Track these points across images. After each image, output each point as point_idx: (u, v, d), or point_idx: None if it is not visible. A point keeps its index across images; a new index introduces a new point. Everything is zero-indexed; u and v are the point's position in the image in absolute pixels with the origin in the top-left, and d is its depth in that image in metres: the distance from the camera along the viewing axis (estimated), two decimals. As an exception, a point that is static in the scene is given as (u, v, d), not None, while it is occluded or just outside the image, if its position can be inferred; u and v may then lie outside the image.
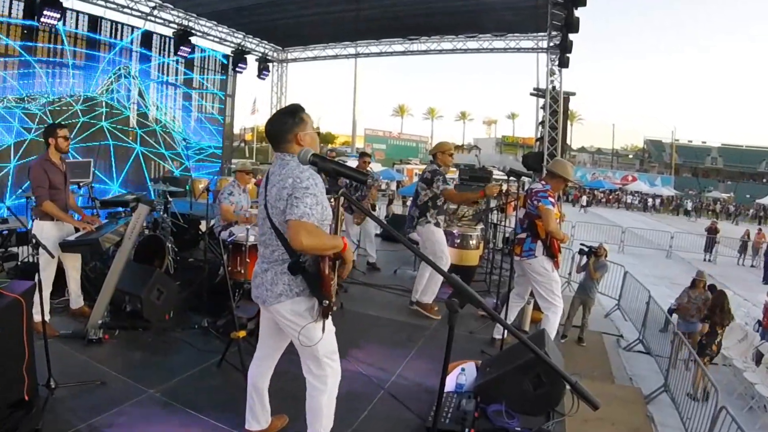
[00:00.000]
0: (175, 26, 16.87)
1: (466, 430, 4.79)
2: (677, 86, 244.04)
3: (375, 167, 49.32)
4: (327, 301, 3.90)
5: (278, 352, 4.74)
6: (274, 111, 23.28)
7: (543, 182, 7.49)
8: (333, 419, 4.37)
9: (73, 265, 7.48)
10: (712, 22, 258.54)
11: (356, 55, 21.27)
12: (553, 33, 13.85)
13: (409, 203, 9.75)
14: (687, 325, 12.73)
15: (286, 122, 4.07)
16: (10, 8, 12.80)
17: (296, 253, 3.91)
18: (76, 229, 7.31)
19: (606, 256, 13.31)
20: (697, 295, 12.81)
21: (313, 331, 4.04)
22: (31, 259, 9.37)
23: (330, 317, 4.12)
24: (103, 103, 15.67)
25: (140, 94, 16.97)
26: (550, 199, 7.08)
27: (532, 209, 7.27)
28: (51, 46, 14.03)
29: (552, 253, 7.12)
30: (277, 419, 4.94)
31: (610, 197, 66.99)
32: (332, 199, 9.06)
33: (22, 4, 12.96)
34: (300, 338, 4.04)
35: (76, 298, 7.63)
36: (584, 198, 58.07)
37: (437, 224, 8.51)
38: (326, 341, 4.14)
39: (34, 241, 5.67)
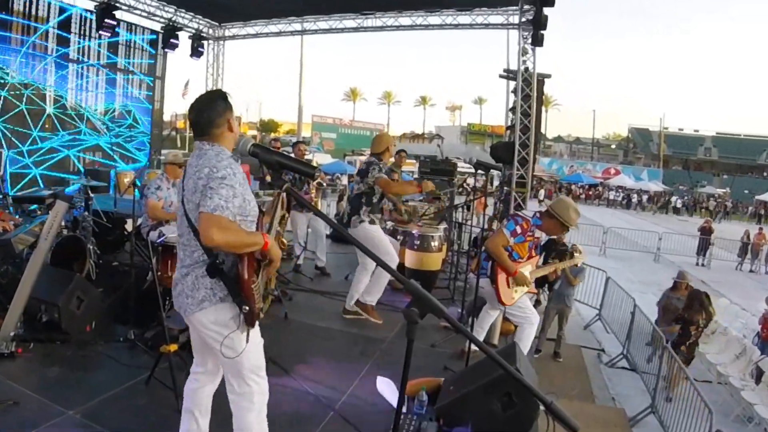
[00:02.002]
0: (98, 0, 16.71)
1: None
2: (666, 68, 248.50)
3: (324, 158, 49.40)
4: (247, 307, 3.83)
5: (218, 366, 4.60)
6: (210, 96, 23.44)
7: (537, 215, 7.33)
8: None
9: None
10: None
11: (302, 32, 21.08)
12: (526, 7, 13.90)
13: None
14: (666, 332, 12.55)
15: (219, 106, 3.99)
16: None
17: (214, 253, 3.82)
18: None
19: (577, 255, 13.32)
20: (679, 297, 12.88)
21: (236, 341, 3.97)
22: None
23: (257, 328, 4.12)
24: (19, 89, 15.52)
25: (58, 79, 16.82)
26: (518, 228, 6.97)
27: (497, 227, 7.21)
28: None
29: (493, 278, 7.01)
30: None
31: (590, 193, 67.42)
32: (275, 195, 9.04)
33: None
34: (222, 349, 3.96)
35: None
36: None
37: (372, 222, 8.52)
38: (251, 354, 4.13)
39: None
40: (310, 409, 5.95)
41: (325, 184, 15.24)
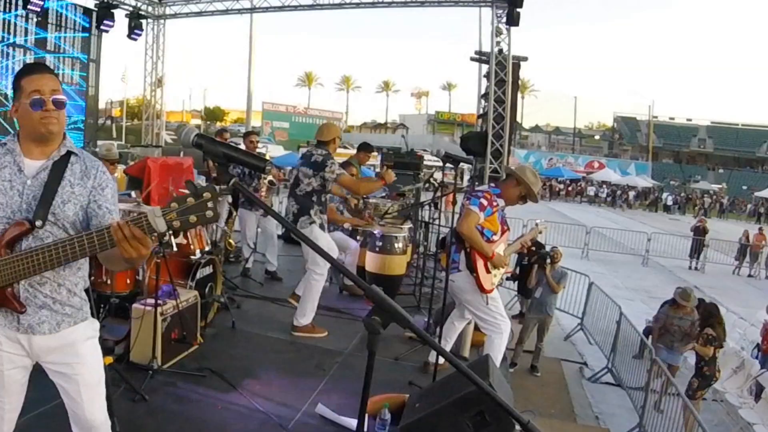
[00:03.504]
0: (20, -29, 16.59)
1: None
2: (655, 51, 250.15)
3: (276, 150, 49.37)
4: None
5: None
6: (149, 81, 23.44)
7: (493, 185, 7.45)
8: None
9: None
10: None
11: (252, 10, 20.99)
12: (501, -18, 13.86)
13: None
14: (669, 355, 12.28)
15: (14, 88, 3.52)
16: None
17: None
18: None
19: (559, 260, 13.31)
20: (682, 316, 12.41)
21: None
22: None
23: None
24: None
25: None
26: (482, 200, 6.90)
27: (461, 210, 7.10)
28: None
29: (471, 267, 6.93)
30: None
31: (571, 189, 67.71)
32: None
33: None
34: None
35: None
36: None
37: (322, 226, 8.44)
38: None
39: None
40: (259, 429, 5.87)
41: (277, 182, 15.07)
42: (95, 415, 3.70)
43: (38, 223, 3.46)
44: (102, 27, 20.54)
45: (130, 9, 21.07)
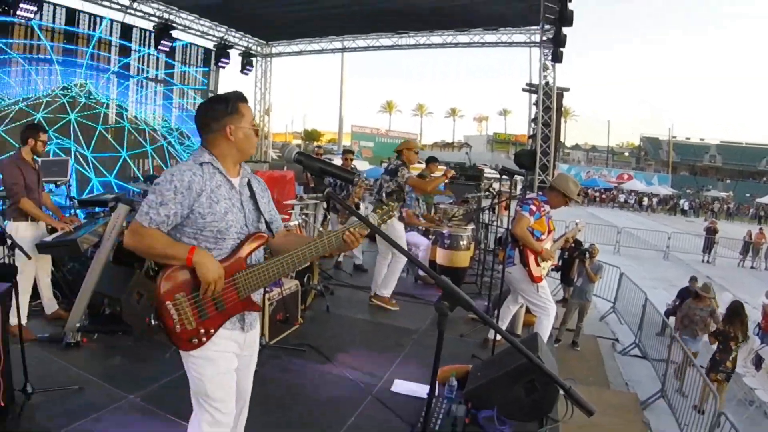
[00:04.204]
0: (156, 19, 16.81)
1: None
2: (675, 81, 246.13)
3: (362, 165, 49.41)
4: (155, 321, 3.35)
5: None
6: (258, 108, 23.51)
7: (541, 193, 7.55)
8: None
9: (45, 268, 7.46)
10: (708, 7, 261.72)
11: (343, 50, 21.12)
12: (546, 27, 13.91)
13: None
14: (691, 340, 12.26)
15: (215, 110, 3.40)
16: None
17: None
18: (53, 230, 7.29)
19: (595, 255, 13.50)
20: (702, 307, 12.39)
21: (185, 361, 3.49)
22: (7, 260, 9.44)
23: (220, 355, 3.45)
24: (80, 98, 15.59)
25: (119, 89, 16.88)
26: (532, 206, 7.09)
27: (515, 215, 7.32)
28: (27, 41, 14.00)
29: (524, 261, 7.08)
30: None
31: (605, 196, 67.02)
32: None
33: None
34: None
35: (48, 302, 7.59)
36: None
37: (400, 218, 8.62)
38: (196, 379, 3.48)
39: (9, 242, 5.63)
40: (349, 394, 5.94)
41: (364, 191, 15.24)
42: (249, 386, 3.76)
43: (270, 234, 3.66)
44: (219, 64, 20.55)
45: (243, 49, 21.09)
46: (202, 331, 3.32)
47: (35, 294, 7.42)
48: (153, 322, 3.32)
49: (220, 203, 3.32)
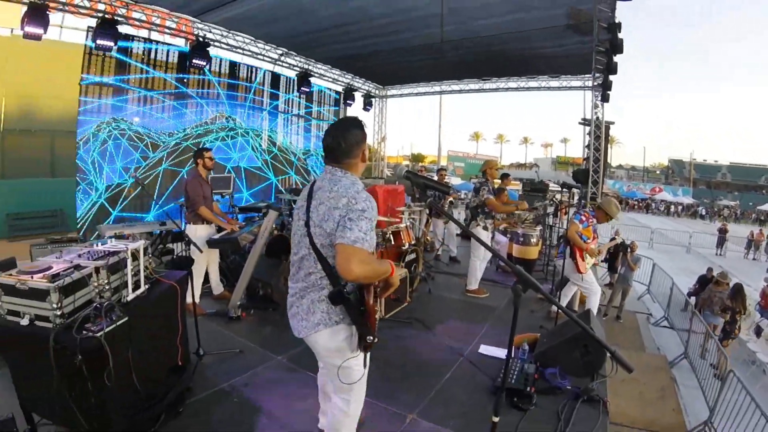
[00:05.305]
0: (297, 69, 17.09)
1: (528, 388, 4.89)
2: (695, 117, 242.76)
3: (456, 181, 49.70)
4: (371, 337, 3.07)
5: None
6: (376, 137, 23.66)
7: (590, 208, 7.77)
8: None
9: (213, 259, 7.76)
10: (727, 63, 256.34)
11: (441, 92, 21.02)
12: (597, 75, 13.78)
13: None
14: (712, 317, 12.39)
15: (358, 135, 3.19)
16: (167, 57, 13.28)
17: (339, 281, 3.03)
18: (221, 229, 7.61)
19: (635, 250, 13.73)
20: (721, 291, 12.52)
21: (354, 369, 3.25)
22: (184, 253, 9.78)
23: (368, 353, 3.27)
24: (241, 131, 16.02)
25: (270, 124, 17.22)
26: (582, 217, 7.32)
27: (568, 223, 7.52)
28: (201, 90, 14.41)
29: (573, 256, 7.25)
30: None
31: (641, 204, 66.06)
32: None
33: (177, 54, 13.39)
34: (340, 376, 3.20)
35: (216, 285, 7.90)
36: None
37: (485, 227, 8.55)
38: (358, 372, 3.28)
39: (187, 239, 5.98)
40: (447, 356, 6.03)
41: (455, 201, 15.39)
42: None
43: None
44: (346, 103, 20.59)
45: (364, 91, 20.98)
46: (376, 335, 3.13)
47: (206, 279, 7.74)
48: (361, 336, 3.10)
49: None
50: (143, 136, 12.71)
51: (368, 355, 3.26)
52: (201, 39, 13.37)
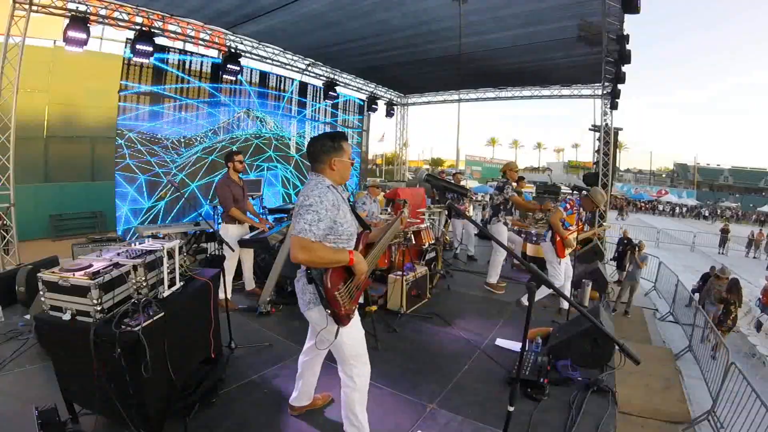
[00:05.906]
0: (324, 78, 17.17)
1: (541, 379, 4.86)
2: (699, 122, 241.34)
3: (473, 183, 49.75)
4: (329, 310, 3.37)
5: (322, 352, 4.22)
6: (398, 142, 23.80)
7: (577, 196, 7.72)
8: (366, 414, 3.84)
9: (247, 257, 7.76)
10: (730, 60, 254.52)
11: (459, 100, 21.10)
12: (606, 84, 13.75)
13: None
14: (712, 307, 12.55)
15: (326, 145, 3.46)
16: (201, 68, 13.39)
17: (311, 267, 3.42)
18: (253, 228, 7.57)
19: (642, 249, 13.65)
20: (721, 285, 12.58)
21: (327, 337, 3.56)
22: (216, 252, 9.59)
23: (354, 323, 3.64)
24: (271, 137, 16.24)
25: (299, 130, 17.29)
26: (567, 205, 7.36)
27: (552, 209, 7.53)
28: (234, 98, 14.54)
29: (553, 241, 7.29)
30: (320, 397, 4.58)
31: (648, 206, 65.57)
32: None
33: (210, 64, 13.54)
34: (317, 342, 3.77)
35: (249, 281, 7.87)
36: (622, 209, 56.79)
37: (505, 223, 8.52)
38: (347, 345, 3.61)
39: (219, 238, 5.91)
40: (464, 348, 6.00)
41: (480, 198, 15.40)
42: None
43: (368, 230, 3.85)
44: (370, 110, 20.71)
45: (387, 99, 21.16)
46: (354, 308, 3.57)
47: (237, 276, 7.67)
48: (327, 311, 3.41)
49: (347, 214, 3.50)
50: (176, 144, 12.97)
51: (348, 327, 3.54)
52: (233, 50, 13.54)
